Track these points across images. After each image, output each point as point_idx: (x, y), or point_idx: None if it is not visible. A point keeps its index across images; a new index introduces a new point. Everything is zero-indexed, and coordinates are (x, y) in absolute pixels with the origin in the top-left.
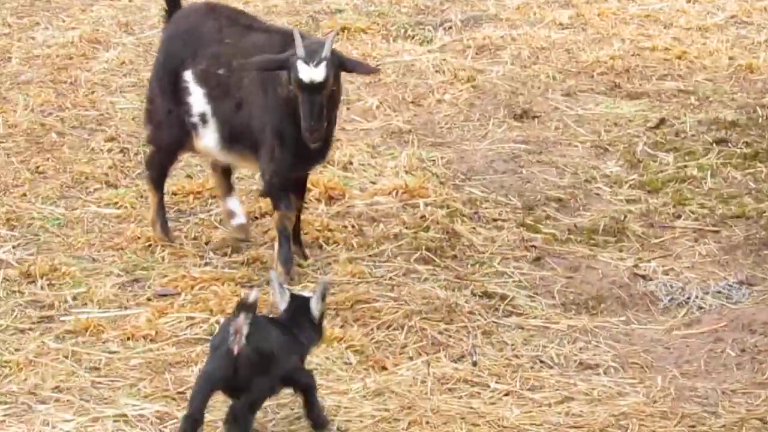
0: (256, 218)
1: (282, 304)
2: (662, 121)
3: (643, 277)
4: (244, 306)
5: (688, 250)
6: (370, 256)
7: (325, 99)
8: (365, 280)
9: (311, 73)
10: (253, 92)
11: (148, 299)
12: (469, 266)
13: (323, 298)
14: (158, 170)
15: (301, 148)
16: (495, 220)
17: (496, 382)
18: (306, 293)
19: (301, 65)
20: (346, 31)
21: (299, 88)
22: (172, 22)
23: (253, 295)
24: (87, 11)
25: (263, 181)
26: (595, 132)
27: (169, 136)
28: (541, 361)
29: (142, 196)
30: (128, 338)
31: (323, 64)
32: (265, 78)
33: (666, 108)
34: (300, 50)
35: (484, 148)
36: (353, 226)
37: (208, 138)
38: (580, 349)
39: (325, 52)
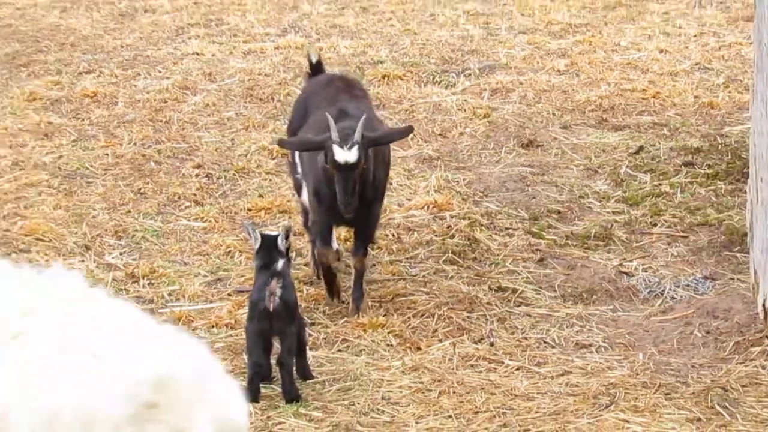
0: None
1: (255, 244)
2: (641, 148)
3: (627, 273)
4: (275, 273)
5: (663, 251)
6: (406, 258)
7: (357, 176)
8: (403, 277)
9: (345, 155)
10: (304, 154)
11: (229, 295)
12: (486, 266)
13: (287, 236)
14: (304, 216)
15: (331, 209)
16: (507, 228)
17: (509, 359)
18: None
19: (336, 148)
20: (386, 78)
21: (335, 168)
22: (304, 88)
23: (281, 264)
24: (178, 64)
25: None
26: (587, 157)
27: (297, 189)
28: (545, 342)
29: (223, 212)
30: (213, 326)
31: (356, 147)
32: None
33: (644, 137)
34: (334, 134)
35: (498, 171)
36: (393, 235)
37: (304, 192)
38: (576, 332)
39: (357, 137)
